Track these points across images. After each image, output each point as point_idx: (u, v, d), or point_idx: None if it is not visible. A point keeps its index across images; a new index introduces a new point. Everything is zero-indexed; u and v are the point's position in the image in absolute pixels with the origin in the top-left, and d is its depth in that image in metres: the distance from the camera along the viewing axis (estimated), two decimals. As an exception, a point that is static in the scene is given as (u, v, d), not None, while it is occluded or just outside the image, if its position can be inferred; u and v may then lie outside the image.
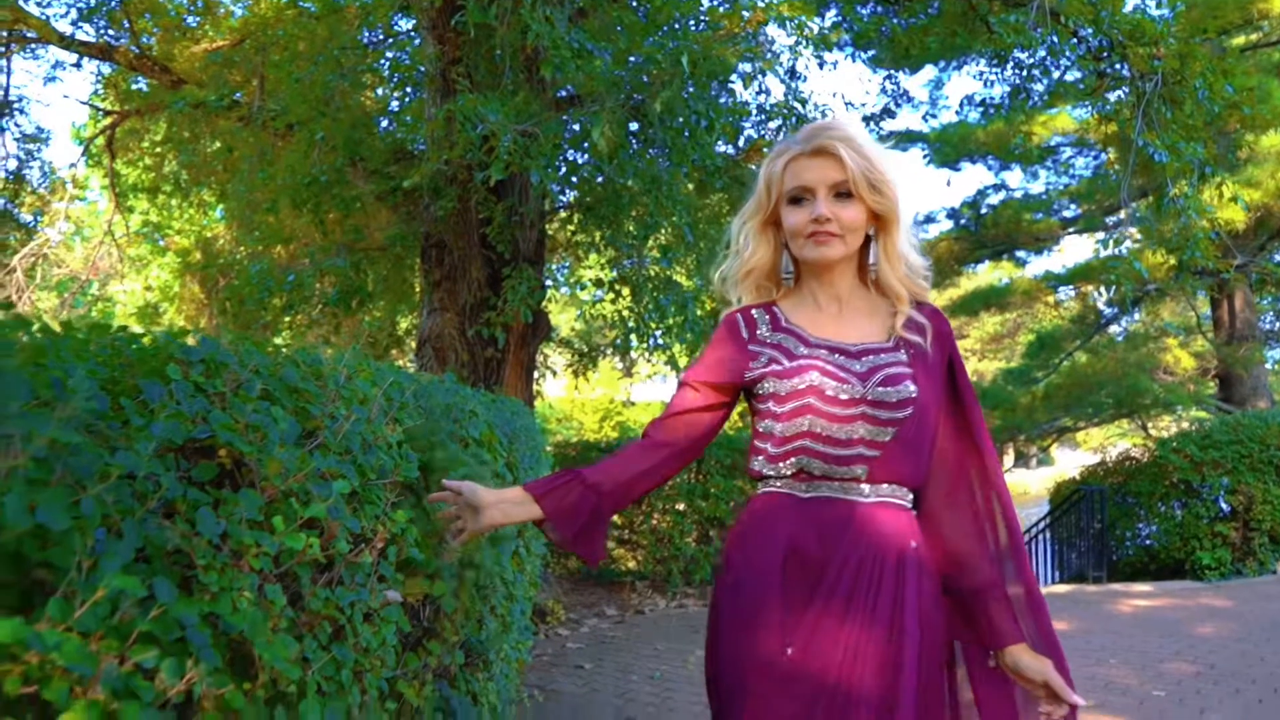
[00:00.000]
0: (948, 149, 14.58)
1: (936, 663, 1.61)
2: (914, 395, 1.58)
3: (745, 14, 5.12)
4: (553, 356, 10.88)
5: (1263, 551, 8.90)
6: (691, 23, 5.25)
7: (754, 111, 6.65)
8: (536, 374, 8.47)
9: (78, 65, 10.14)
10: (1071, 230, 15.56)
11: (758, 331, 1.71)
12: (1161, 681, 4.87)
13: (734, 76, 5.21)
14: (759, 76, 5.54)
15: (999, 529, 1.68)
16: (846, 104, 8.31)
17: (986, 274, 22.91)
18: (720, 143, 5.50)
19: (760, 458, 1.65)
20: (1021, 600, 1.66)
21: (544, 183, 4.62)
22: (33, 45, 10.11)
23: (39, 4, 9.43)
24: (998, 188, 15.66)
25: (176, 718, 1.00)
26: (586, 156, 5.26)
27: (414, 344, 7.78)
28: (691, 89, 4.80)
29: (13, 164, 11.31)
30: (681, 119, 4.77)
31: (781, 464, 1.62)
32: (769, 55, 5.96)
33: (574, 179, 5.69)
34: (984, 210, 15.27)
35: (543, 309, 6.80)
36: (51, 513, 0.91)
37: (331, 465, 1.46)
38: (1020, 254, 16.86)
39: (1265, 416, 9.67)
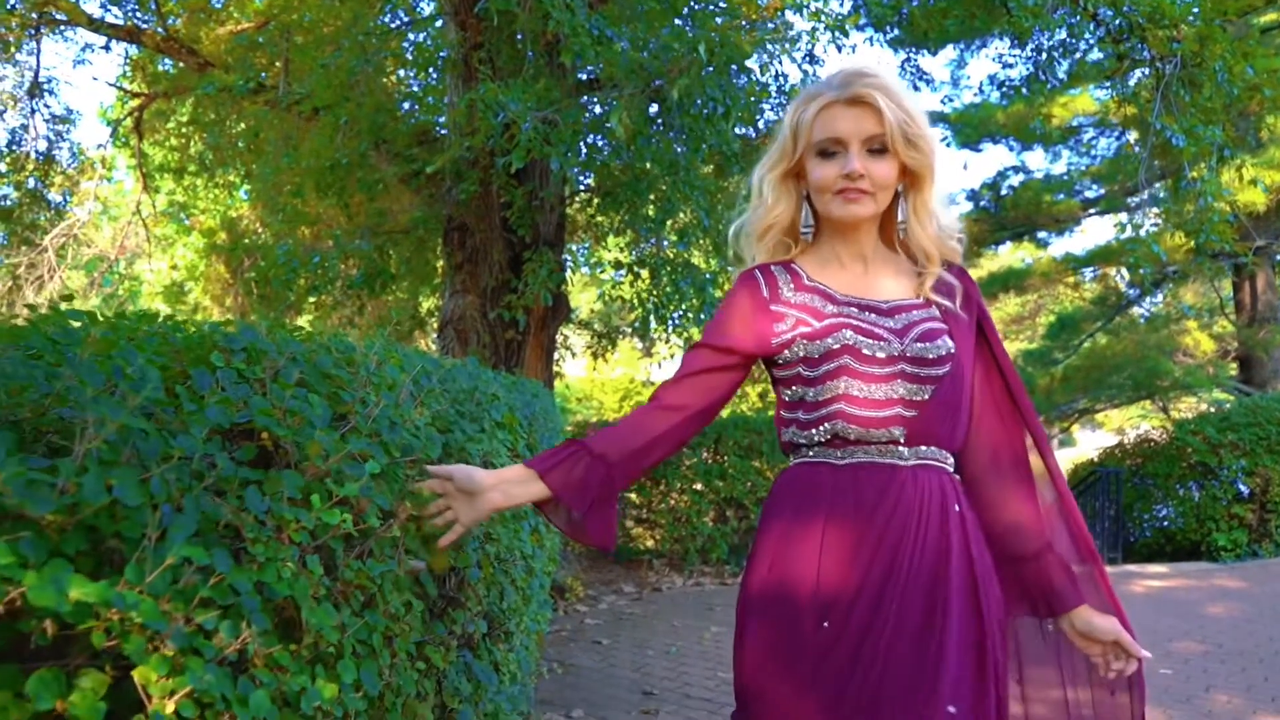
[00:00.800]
0: (969, 130, 14.54)
1: (993, 632, 1.48)
2: (953, 351, 1.51)
3: (762, 0, 5.17)
4: (572, 337, 10.99)
5: (1279, 533, 8.93)
6: (710, 7, 5.30)
7: (772, 94, 6.72)
8: (556, 355, 8.59)
9: (106, 48, 10.28)
10: (1093, 211, 15.50)
11: (780, 292, 1.58)
12: (1170, 660, 4.95)
13: (751, 62, 5.28)
14: (776, 62, 5.60)
15: (1049, 492, 1.63)
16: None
17: (1008, 255, 22.81)
18: (738, 127, 5.57)
19: (791, 428, 1.56)
20: (1080, 561, 1.62)
21: (564, 169, 4.73)
22: (62, 27, 10.28)
23: (68, -14, 9.53)
24: (1018, 169, 15.64)
25: (231, 673, 1.12)
26: (605, 141, 5.34)
27: (436, 325, 7.90)
28: (709, 73, 4.86)
29: (43, 145, 11.52)
30: (699, 104, 4.84)
31: (815, 430, 1.52)
32: (786, 40, 6.01)
33: (593, 164, 5.78)
34: (1004, 192, 15.24)
35: (562, 291, 6.90)
36: (126, 490, 1.03)
37: (362, 447, 1.57)
38: (1042, 235, 16.84)
39: (1284, 399, 9.67)
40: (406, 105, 8.67)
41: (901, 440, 1.48)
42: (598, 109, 5.95)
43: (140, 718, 0.97)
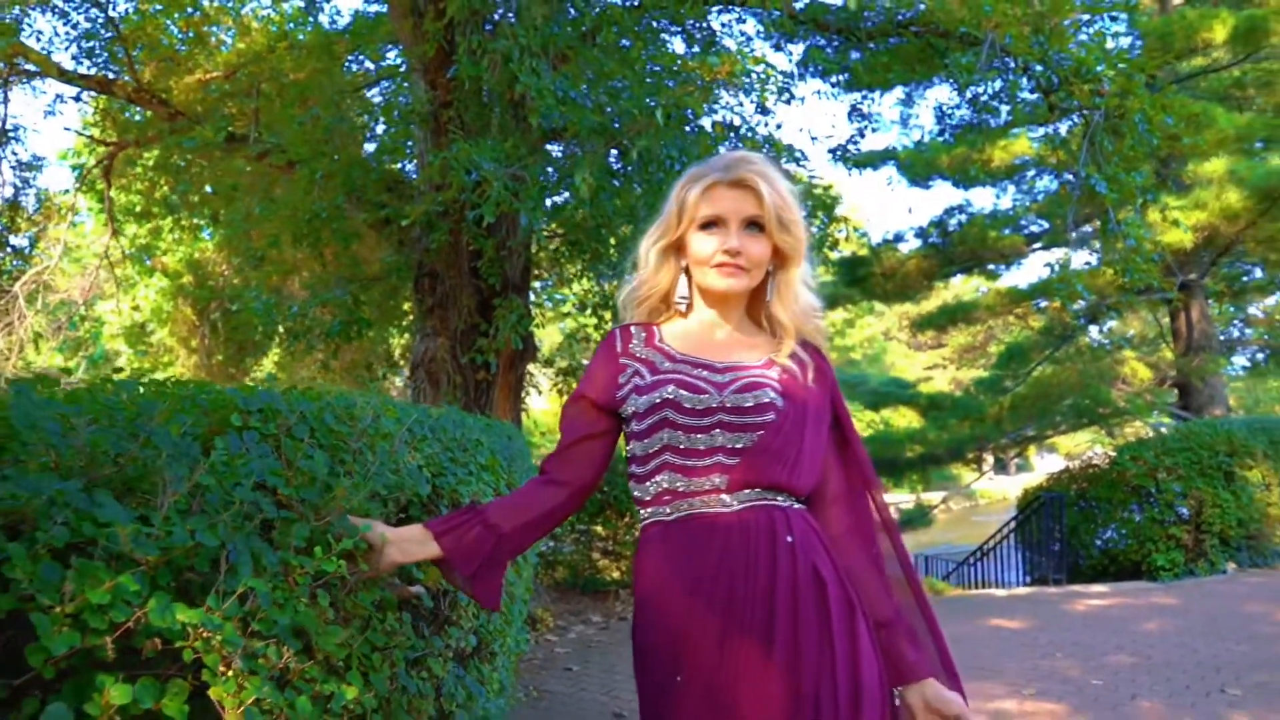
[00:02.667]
0: (917, 167, 15.13)
1: (840, 646, 1.52)
2: (773, 401, 1.57)
3: (715, 61, 5.55)
4: (538, 375, 11.27)
5: (1213, 553, 9.39)
6: (663, 71, 5.67)
7: (727, 139, 7.11)
8: (524, 392, 8.86)
9: (78, 98, 10.49)
10: (1037, 246, 16.17)
11: (630, 345, 1.70)
12: (1101, 672, 5.31)
13: (705, 122, 5.66)
14: (729, 112, 6.00)
15: (893, 561, 1.67)
16: (812, 138, 8.74)
17: (960, 286, 23.47)
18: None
19: (632, 483, 1.65)
20: (923, 632, 1.64)
21: (532, 222, 5.05)
22: (32, 79, 10.46)
23: (39, 37, 9.76)
24: (961, 208, 16.26)
25: (277, 686, 1.40)
26: (569, 195, 5.68)
27: (408, 367, 8.15)
28: (667, 132, 5.23)
29: (9, 191, 11.65)
30: (655, 164, 5.19)
31: (649, 483, 1.60)
32: (738, 95, 6.41)
33: (559, 217, 6.12)
34: (952, 228, 15.85)
35: (530, 332, 7.20)
36: (205, 535, 1.32)
37: (361, 500, 1.81)
38: (991, 267, 17.46)
39: (1216, 425, 10.19)
40: (370, 147, 8.98)
41: (724, 487, 1.55)
42: (560, 159, 6.30)
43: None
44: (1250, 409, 25.56)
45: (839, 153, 8.74)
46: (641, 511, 1.65)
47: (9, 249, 12.16)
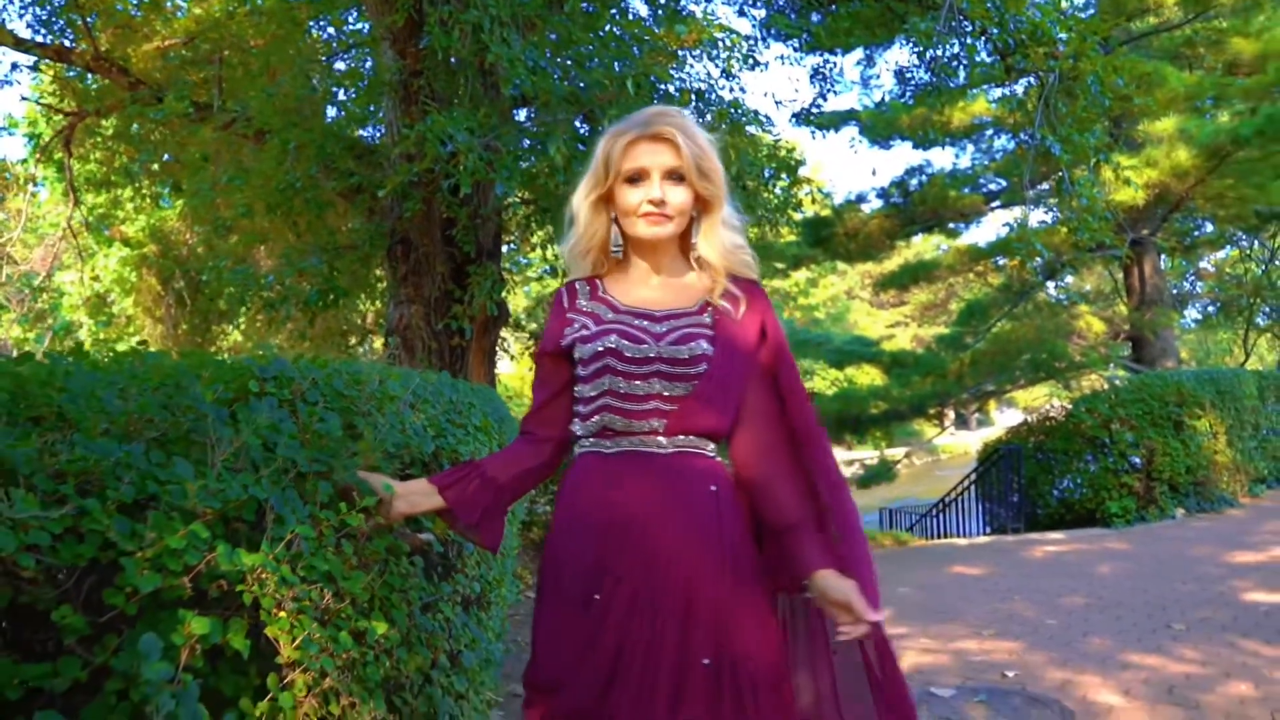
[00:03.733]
0: (878, 128, 15.31)
1: (748, 596, 1.65)
2: (706, 353, 1.69)
3: (681, 29, 5.67)
4: (509, 340, 11.40)
5: (1163, 499, 9.80)
6: (631, 40, 5.77)
7: (692, 103, 7.22)
8: (496, 356, 8.99)
9: (34, 67, 10.34)
10: (996, 204, 16.46)
11: (577, 301, 1.83)
12: (1056, 613, 5.61)
13: (671, 89, 5.78)
14: (694, 84, 6.12)
15: (815, 476, 1.74)
16: (776, 102, 8.92)
17: (921, 245, 23.75)
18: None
19: (575, 420, 1.78)
20: (839, 536, 1.71)
21: (507, 192, 5.17)
22: (-15, 47, 10.28)
23: (-10, 6, 9.57)
24: (922, 169, 16.49)
25: (321, 623, 1.56)
26: (539, 163, 5.78)
27: (382, 334, 8.23)
28: (636, 101, 5.34)
29: (-38, 161, 11.47)
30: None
31: (589, 422, 1.74)
32: (704, 61, 6.53)
33: (533, 185, 6.22)
34: (912, 188, 16.08)
35: (502, 298, 7.31)
36: (260, 490, 1.47)
37: (377, 461, 1.95)
38: (952, 226, 17.76)
39: (1166, 376, 10.58)
40: (331, 112, 8.95)
41: (661, 431, 1.68)
42: (531, 127, 6.39)
43: (280, 657, 1.42)
44: (1201, 361, 26.28)
45: (802, 115, 8.88)
46: (580, 443, 1.78)
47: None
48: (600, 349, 1.72)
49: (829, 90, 9.00)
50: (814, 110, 8.83)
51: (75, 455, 1.39)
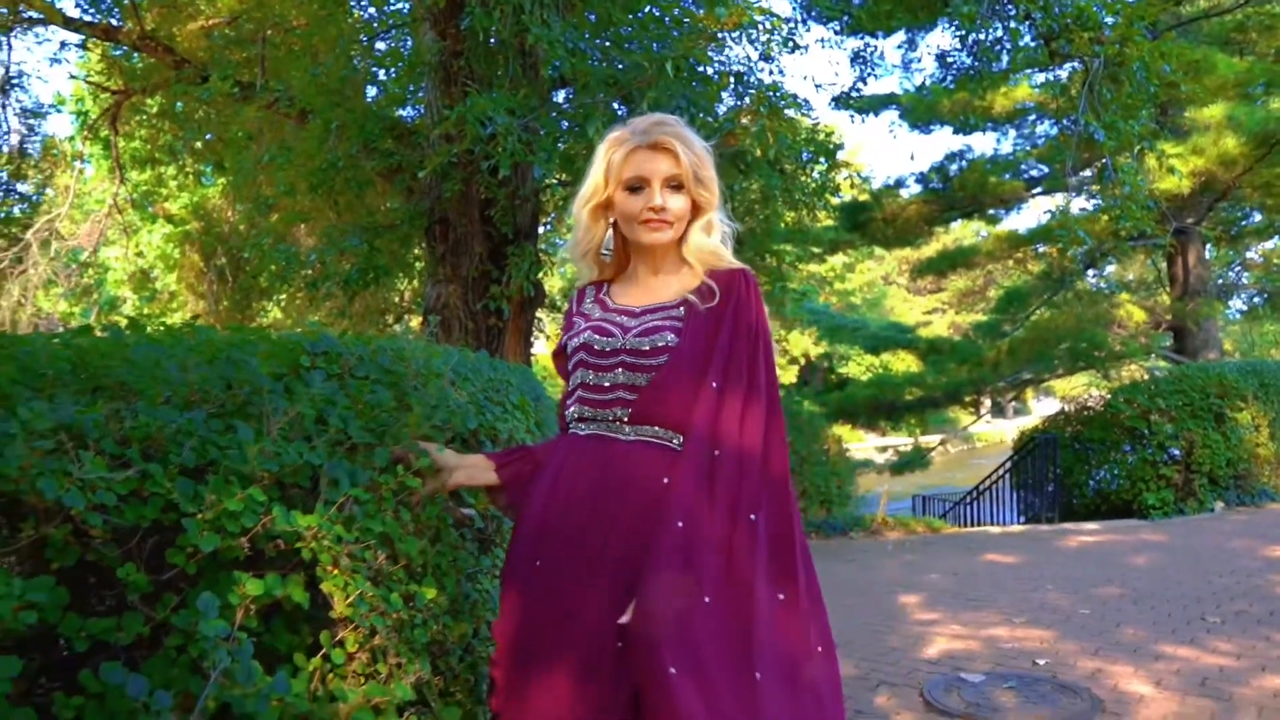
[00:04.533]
0: (919, 112, 15.13)
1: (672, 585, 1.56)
2: (669, 344, 1.73)
3: (721, 12, 5.65)
4: (545, 320, 11.46)
5: (1202, 492, 9.69)
6: (670, 22, 5.77)
7: (730, 86, 7.20)
8: (532, 336, 9.06)
9: (82, 45, 10.52)
10: (1038, 190, 16.24)
11: (582, 304, 1.94)
12: (1089, 602, 5.59)
13: (711, 71, 5.78)
14: (732, 66, 6.11)
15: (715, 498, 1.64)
16: (816, 86, 8.86)
17: (960, 231, 23.51)
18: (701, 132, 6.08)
19: (560, 408, 1.92)
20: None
21: (546, 173, 5.21)
22: (35, 26, 10.48)
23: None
24: (962, 154, 16.30)
25: (373, 583, 1.62)
26: (581, 145, 5.81)
27: (421, 313, 8.33)
28: (675, 84, 5.36)
29: (14, 139, 11.72)
30: (667, 111, 5.33)
31: (569, 410, 1.84)
32: (743, 44, 6.51)
33: (571, 167, 6.25)
34: (952, 173, 15.90)
35: (539, 279, 7.37)
36: (313, 456, 1.53)
37: (430, 431, 2.02)
38: (992, 212, 17.54)
39: (1207, 368, 10.44)
40: (372, 92, 9.03)
41: (625, 419, 1.73)
42: (569, 108, 6.42)
43: (332, 611, 1.48)
44: (1246, 353, 25.79)
45: (842, 99, 8.83)
46: (564, 430, 1.88)
47: (14, 195, 12.29)
48: (577, 344, 1.82)
49: (869, 74, 8.94)
50: (854, 94, 8.77)
51: (139, 422, 1.45)
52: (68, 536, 1.32)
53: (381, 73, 9.13)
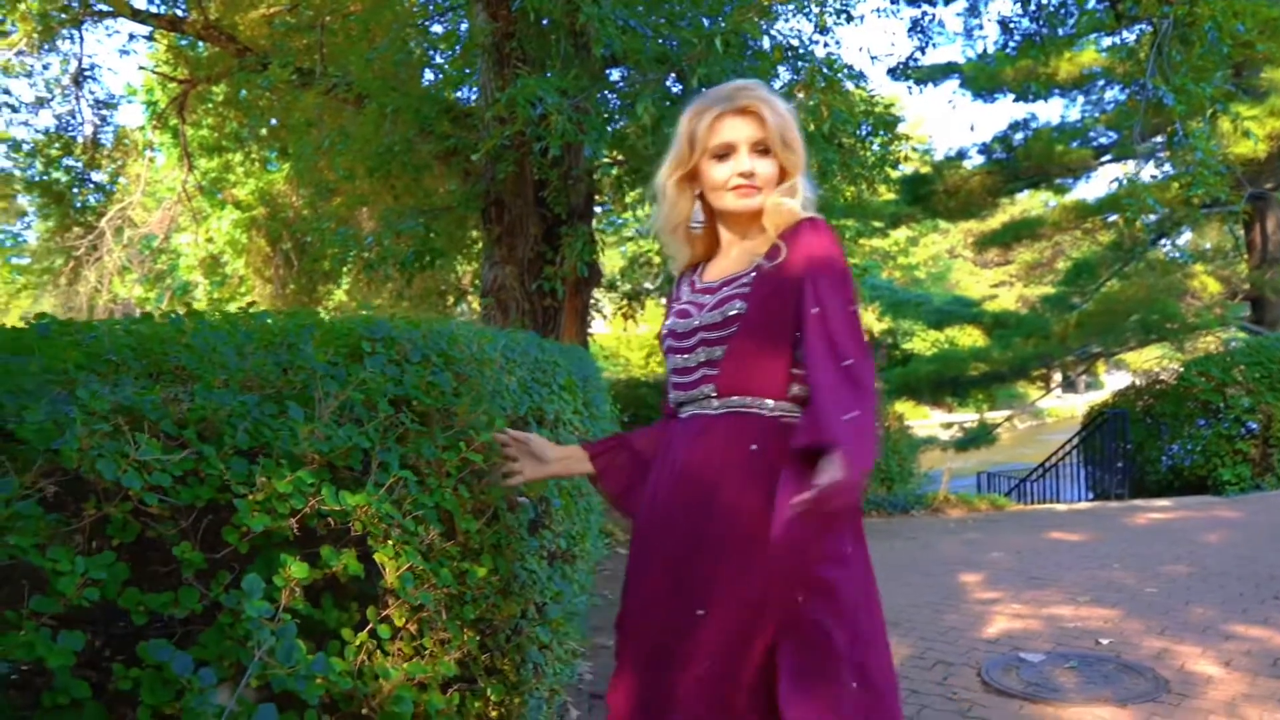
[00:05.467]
0: (981, 80, 14.78)
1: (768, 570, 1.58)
2: (739, 312, 1.71)
3: (774, -16, 5.60)
4: (602, 300, 11.50)
5: (1280, 467, 9.38)
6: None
7: (785, 60, 7.11)
8: (589, 317, 9.11)
9: (149, 37, 10.80)
10: (1107, 158, 15.76)
11: (680, 288, 1.92)
12: (1156, 581, 5.47)
13: (766, 44, 5.73)
14: (786, 39, 6.05)
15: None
16: (871, 57, 8.72)
17: (1029, 202, 22.91)
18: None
19: (664, 396, 1.91)
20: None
21: (596, 154, 5.22)
22: (104, 19, 10.78)
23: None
24: (1026, 122, 15.86)
25: (424, 558, 1.66)
26: (630, 123, 5.81)
27: (478, 294, 8.42)
28: (725, 59, 5.31)
29: (88, 129, 12.09)
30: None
31: (670, 397, 1.85)
32: (797, 16, 6.44)
33: (622, 146, 6.26)
34: (1016, 143, 15.50)
35: (594, 259, 7.40)
36: (361, 439, 1.57)
37: (488, 408, 2.06)
38: (1060, 182, 17.06)
39: (1286, 338, 10.07)
40: (429, 75, 9.12)
41: (713, 394, 1.73)
42: (621, 86, 6.41)
43: (382, 582, 1.52)
44: (1329, 322, 24.82)
45: (899, 70, 8.67)
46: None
47: (89, 184, 12.68)
48: (663, 332, 1.84)
49: (928, 43, 8.73)
50: (911, 64, 8.59)
51: (195, 405, 1.51)
52: (127, 515, 1.38)
53: (438, 56, 9.22)
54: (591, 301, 9.23)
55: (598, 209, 11.37)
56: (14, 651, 1.19)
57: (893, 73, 8.60)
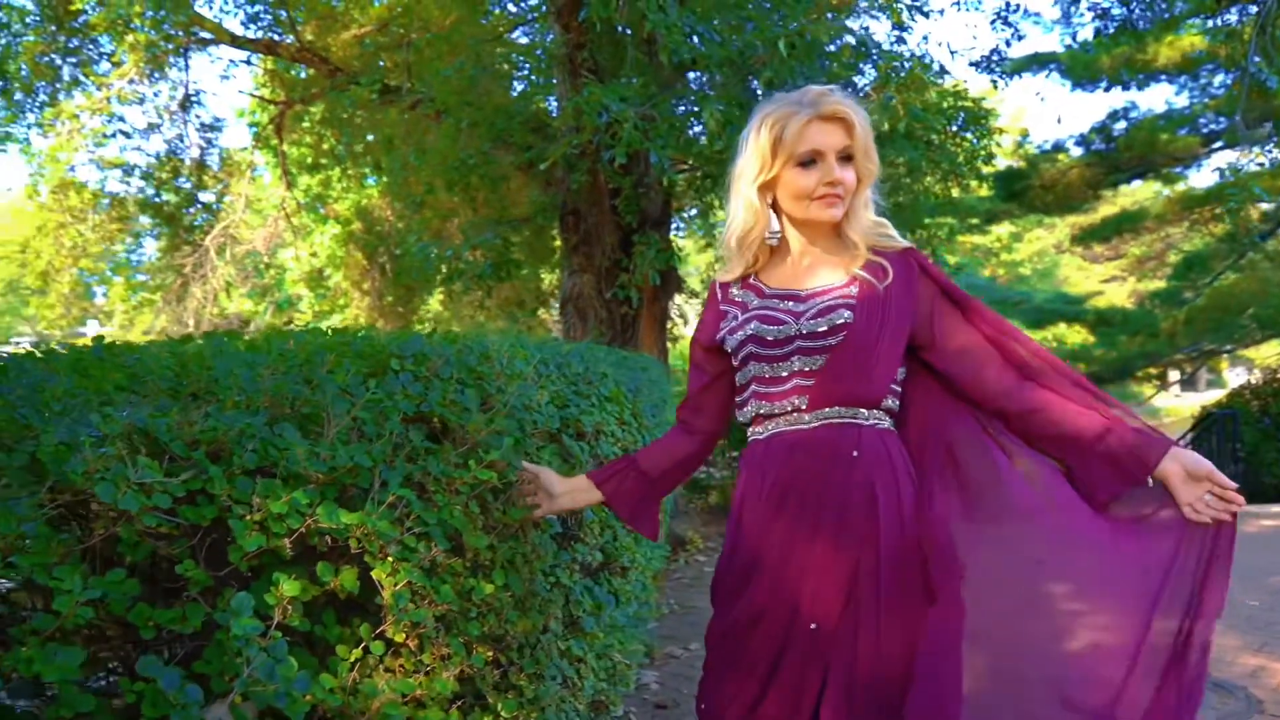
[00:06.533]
0: (1079, 69, 14.22)
1: (897, 565, 1.65)
2: (847, 321, 1.68)
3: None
4: (685, 306, 11.50)
5: None
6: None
7: (863, 59, 6.98)
8: (670, 323, 9.11)
9: (248, 62, 11.29)
10: (1217, 145, 14.95)
11: (730, 290, 1.87)
12: (1261, 593, 5.17)
13: (830, 47, 5.64)
14: (860, 39, 5.94)
15: (1070, 385, 1.70)
16: (951, 51, 8.49)
17: (1140, 194, 21.91)
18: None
19: (736, 409, 1.86)
20: (1136, 420, 1.67)
21: (662, 161, 5.22)
22: (207, 46, 11.29)
23: (210, 5, 10.50)
24: (1125, 111, 15.16)
25: (426, 574, 1.68)
26: (701, 129, 5.79)
27: (558, 303, 8.52)
28: (792, 62, 5.25)
29: (195, 151, 12.67)
30: (785, 89, 5.24)
31: (743, 411, 1.81)
32: (873, 15, 6.32)
33: (690, 152, 6.25)
34: (1116, 133, 14.84)
35: (671, 267, 7.40)
36: (361, 457, 1.60)
37: (502, 424, 2.08)
38: (1168, 171, 16.26)
39: None
40: (519, 88, 9.27)
41: (804, 407, 1.70)
42: (694, 91, 6.40)
43: (370, 598, 1.54)
44: None
45: (985, 63, 8.42)
46: (747, 434, 1.83)
47: (198, 204, 13.28)
48: (743, 338, 1.76)
49: (1015, 35, 8.44)
50: (997, 57, 8.33)
51: (207, 425, 1.56)
52: (137, 534, 1.44)
53: (526, 68, 9.36)
54: (673, 308, 9.23)
55: (689, 214, 11.38)
56: (18, 667, 1.25)
57: (976, 65, 8.35)
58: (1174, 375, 21.39)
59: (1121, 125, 14.85)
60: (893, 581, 1.65)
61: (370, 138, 11.54)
